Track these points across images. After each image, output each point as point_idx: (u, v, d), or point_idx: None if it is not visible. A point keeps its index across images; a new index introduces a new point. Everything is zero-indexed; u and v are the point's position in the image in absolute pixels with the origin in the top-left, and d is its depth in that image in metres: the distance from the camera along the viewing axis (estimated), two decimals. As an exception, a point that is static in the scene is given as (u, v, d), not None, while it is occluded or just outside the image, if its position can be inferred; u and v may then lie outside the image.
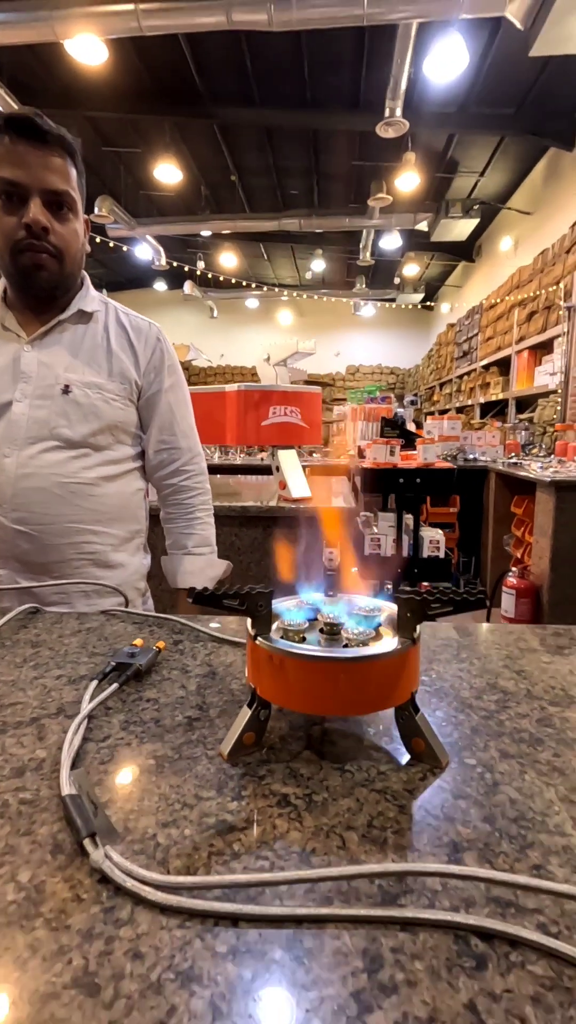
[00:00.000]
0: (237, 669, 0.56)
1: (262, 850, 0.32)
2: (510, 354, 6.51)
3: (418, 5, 4.46)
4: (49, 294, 0.94)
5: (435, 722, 0.46)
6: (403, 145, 6.67)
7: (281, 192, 9.12)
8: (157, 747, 0.43)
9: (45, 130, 0.85)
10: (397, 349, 13.83)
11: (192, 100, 6.76)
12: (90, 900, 0.29)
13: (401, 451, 2.00)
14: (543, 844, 0.33)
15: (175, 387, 1.07)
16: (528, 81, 6.03)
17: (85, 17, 4.72)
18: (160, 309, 14.03)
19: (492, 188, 8.30)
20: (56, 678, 0.54)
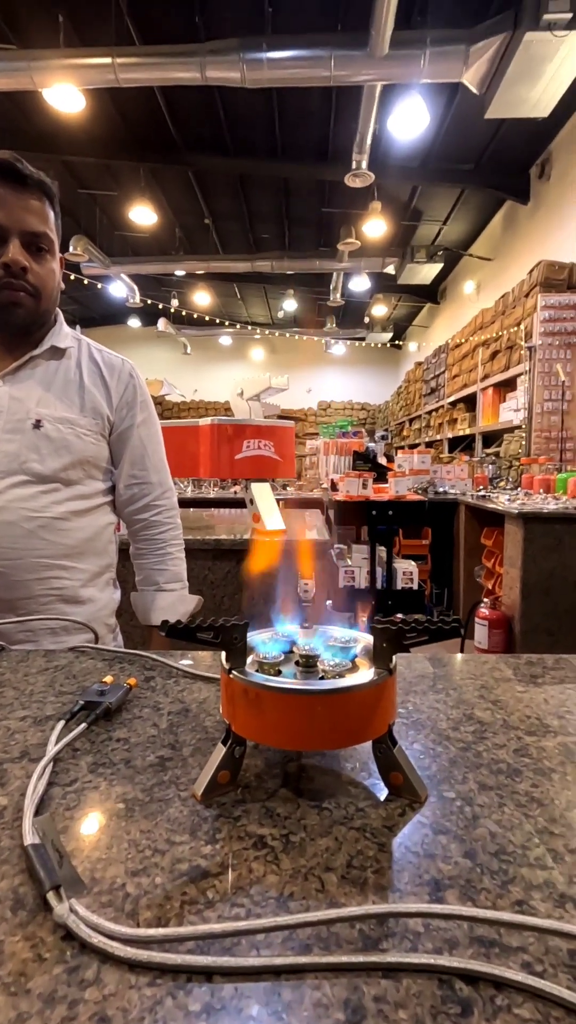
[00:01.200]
0: (211, 705, 0.55)
1: (238, 897, 0.31)
2: (476, 391, 6.75)
3: (381, 69, 4.75)
4: (24, 331, 0.94)
5: (413, 755, 0.46)
6: (370, 194, 7.01)
7: (253, 235, 9.43)
8: (127, 790, 0.41)
9: (25, 174, 0.86)
10: (367, 386, 14.20)
11: (167, 148, 7.01)
12: (52, 959, 0.27)
13: (373, 484, 2.02)
14: (524, 878, 0.32)
15: (147, 422, 1.07)
16: (485, 140, 6.44)
17: (63, 68, 4.88)
18: (134, 345, 14.16)
19: (454, 235, 8.75)
20: (21, 719, 0.52)
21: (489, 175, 6.97)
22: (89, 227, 9.09)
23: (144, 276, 10.14)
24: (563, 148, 6.01)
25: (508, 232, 7.51)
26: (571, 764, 0.44)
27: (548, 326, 5.13)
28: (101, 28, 4.99)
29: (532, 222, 6.77)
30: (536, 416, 5.14)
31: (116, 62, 4.80)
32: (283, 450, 1.87)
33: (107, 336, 14.06)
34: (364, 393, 14.25)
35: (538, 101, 4.85)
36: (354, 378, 14.28)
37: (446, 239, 8.81)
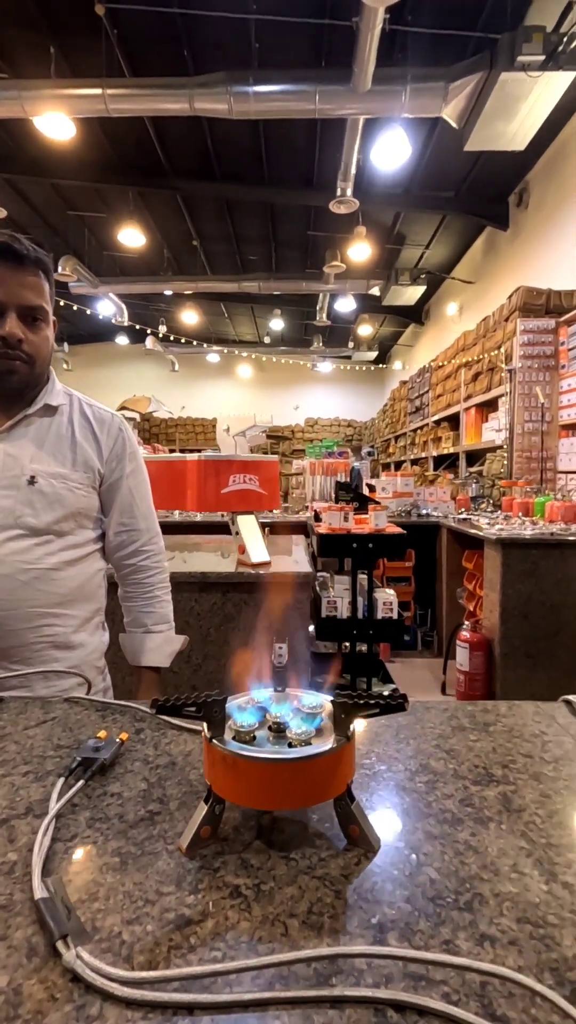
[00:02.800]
0: (195, 758, 0.61)
1: (215, 941, 0.37)
2: (459, 411, 6.90)
3: (364, 104, 4.91)
4: (19, 393, 1.01)
5: (372, 804, 0.52)
6: (355, 219, 7.19)
7: (240, 257, 9.59)
8: (121, 844, 0.47)
9: (23, 254, 0.94)
10: (353, 403, 14.40)
11: (155, 173, 7.16)
12: (63, 999, 0.33)
13: (355, 514, 2.10)
14: (453, 921, 0.39)
15: (135, 472, 1.14)
16: (465, 169, 6.67)
17: (54, 98, 4.99)
18: (122, 362, 14.23)
19: (437, 259, 8.98)
20: (24, 775, 0.58)
21: (469, 202, 7.20)
22: (78, 247, 9.20)
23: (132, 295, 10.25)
24: (539, 179, 6.23)
25: (489, 257, 7.74)
26: (507, 813, 0.51)
27: (527, 349, 5.28)
28: (91, 59, 5.12)
29: (512, 248, 6.98)
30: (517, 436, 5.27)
31: (107, 93, 4.92)
32: (267, 483, 1.95)
33: (95, 353, 14.12)
34: (351, 410, 14.44)
35: (515, 135, 5.04)
36: (341, 395, 14.47)
37: (429, 262, 9.05)
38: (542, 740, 0.64)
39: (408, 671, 3.33)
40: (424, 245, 8.60)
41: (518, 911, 0.40)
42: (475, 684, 2.78)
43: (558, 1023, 0.32)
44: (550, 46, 4.34)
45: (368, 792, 0.55)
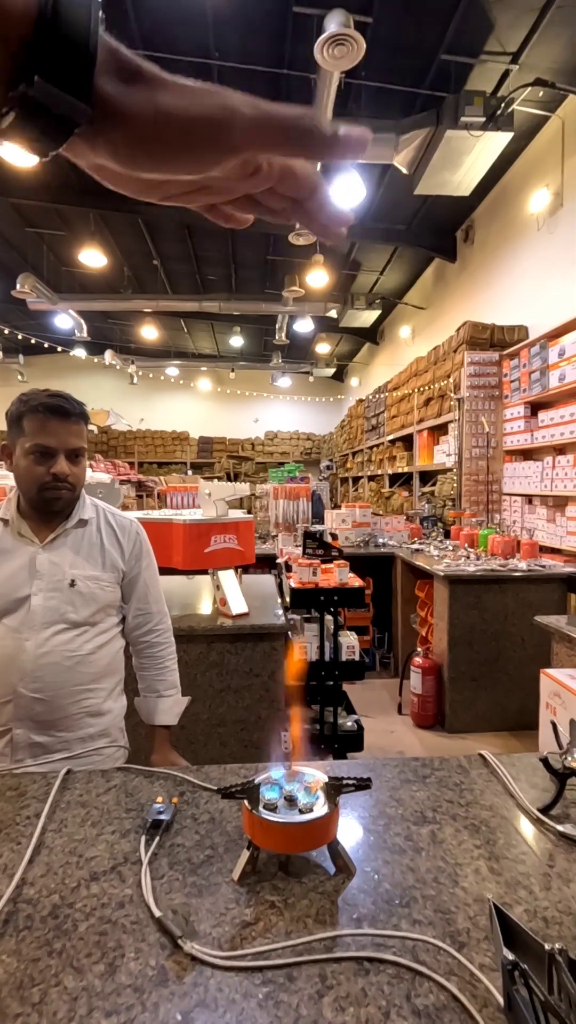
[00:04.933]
0: (227, 815, 0.89)
1: (265, 934, 0.66)
2: (412, 432, 7.33)
3: (320, 149, 5.23)
4: (61, 513, 1.26)
5: (349, 842, 0.82)
6: (313, 247, 7.54)
7: (200, 277, 9.80)
8: (195, 879, 0.75)
9: (70, 411, 1.19)
10: (313, 416, 14.79)
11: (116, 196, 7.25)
12: (189, 969, 0.61)
13: (320, 562, 2.41)
14: (398, 913, 0.69)
15: (149, 566, 1.41)
16: (415, 206, 7.12)
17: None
18: (79, 374, 14.15)
19: (391, 285, 9.45)
20: (112, 833, 0.84)
21: (420, 235, 7.67)
22: (36, 264, 9.20)
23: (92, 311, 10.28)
24: (482, 220, 6.74)
25: (439, 285, 8.24)
26: (433, 845, 0.82)
27: (474, 380, 5.73)
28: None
29: (459, 279, 7.49)
30: (465, 461, 5.71)
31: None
32: (244, 541, 2.22)
33: (52, 365, 13.99)
34: (310, 423, 14.82)
35: (460, 183, 5.48)
36: (300, 409, 14.85)
37: (383, 288, 9.51)
38: (460, 789, 0.96)
39: (368, 692, 3.66)
40: (379, 272, 9.06)
41: (434, 905, 0.70)
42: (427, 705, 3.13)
43: (452, 964, 0.62)
44: (489, 109, 4.79)
45: (346, 833, 0.84)
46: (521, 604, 3.06)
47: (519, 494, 4.84)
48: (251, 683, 2.08)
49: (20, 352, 13.21)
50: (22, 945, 0.65)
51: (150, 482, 10.13)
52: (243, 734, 2.10)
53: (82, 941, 0.65)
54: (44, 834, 0.85)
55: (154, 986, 0.59)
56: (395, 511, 7.16)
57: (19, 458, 1.20)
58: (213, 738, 2.08)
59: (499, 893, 0.72)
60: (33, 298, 8.62)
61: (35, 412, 1.18)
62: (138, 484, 9.91)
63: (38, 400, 1.18)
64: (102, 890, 0.73)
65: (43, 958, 0.63)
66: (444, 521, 5.59)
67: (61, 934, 0.66)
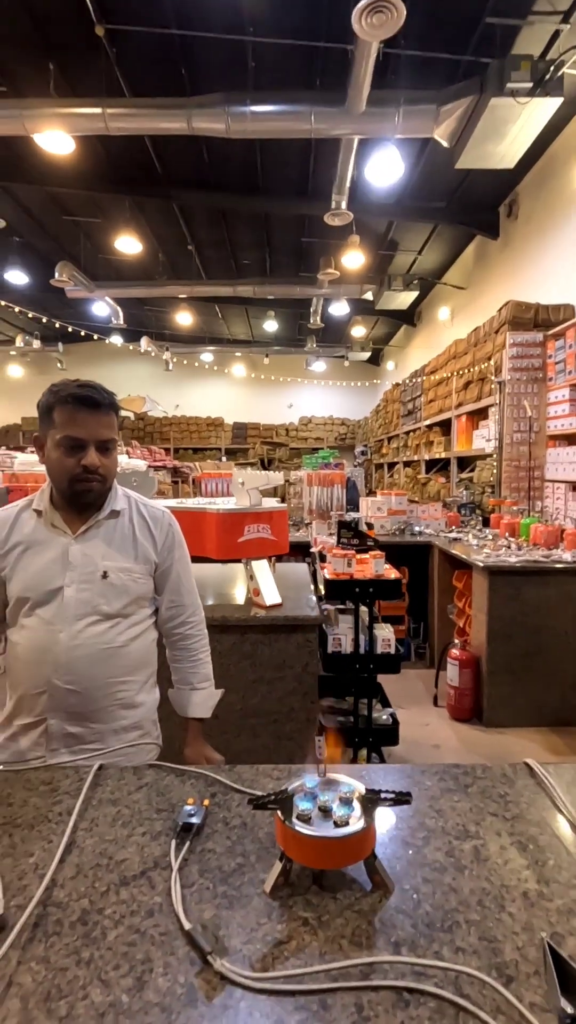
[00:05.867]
0: (259, 820, 0.86)
1: (298, 954, 0.63)
2: (451, 417, 7.12)
3: (358, 124, 5.06)
4: (92, 504, 1.25)
5: (387, 856, 0.78)
6: (348, 228, 7.35)
7: (235, 262, 9.72)
8: (226, 889, 0.72)
9: (100, 401, 1.17)
10: (347, 401, 14.59)
11: (151, 183, 7.27)
12: (219, 989, 0.58)
13: (356, 553, 2.35)
14: (440, 939, 0.64)
15: (181, 558, 1.39)
16: (456, 182, 6.84)
17: (55, 116, 5.09)
18: (116, 361, 14.32)
19: (429, 265, 9.16)
20: (142, 835, 0.83)
21: (460, 212, 7.38)
22: (74, 252, 9.29)
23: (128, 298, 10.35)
24: (528, 193, 6.43)
25: (480, 264, 7.93)
26: (477, 863, 0.77)
27: (516, 362, 5.50)
28: (90, 77, 5.22)
29: (502, 256, 7.19)
30: (506, 446, 5.51)
31: (107, 112, 5.02)
32: (278, 530, 2.19)
33: (89, 352, 14.20)
34: (344, 408, 14.63)
35: (504, 155, 5.22)
36: (334, 393, 14.66)
37: (421, 268, 9.23)
38: (504, 801, 0.90)
39: (402, 683, 3.60)
40: (416, 252, 8.78)
41: (479, 932, 0.65)
42: (464, 698, 3.05)
43: (499, 1000, 0.57)
44: (537, 74, 4.52)
45: (383, 847, 0.80)
46: (564, 597, 2.94)
47: (563, 481, 4.64)
48: (284, 675, 2.06)
49: (59, 340, 13.45)
50: (50, 952, 0.64)
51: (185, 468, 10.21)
52: (275, 726, 2.08)
53: (110, 951, 0.64)
54: (75, 833, 0.84)
55: (182, 1006, 0.57)
56: (432, 498, 7.01)
57: (50, 450, 1.19)
58: (246, 729, 2.07)
59: (550, 923, 0.67)
60: (71, 286, 8.73)
61: (65, 403, 1.16)
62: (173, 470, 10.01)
63: (68, 391, 1.16)
64: (132, 896, 0.71)
65: (71, 968, 0.62)
66: (483, 509, 5.43)
67: (90, 942, 0.65)
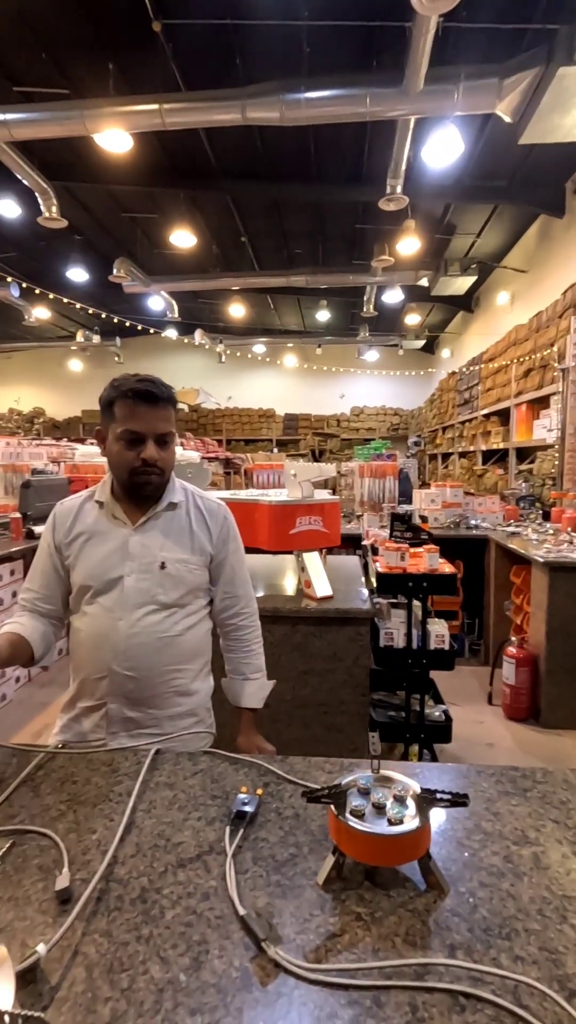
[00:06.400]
0: (311, 812, 0.87)
1: (351, 948, 0.63)
2: (509, 406, 6.86)
3: (415, 104, 4.90)
4: (151, 496, 1.28)
5: (442, 858, 0.76)
6: (404, 212, 7.17)
7: (288, 251, 9.68)
8: (279, 878, 0.73)
9: (158, 396, 1.20)
10: (401, 391, 14.30)
11: (205, 175, 7.33)
12: (272, 976, 0.59)
13: (409, 546, 2.31)
14: (498, 946, 0.63)
15: (236, 551, 1.40)
16: (519, 158, 6.53)
17: (114, 115, 5.20)
18: (170, 354, 14.61)
19: (488, 247, 8.82)
20: (198, 819, 0.85)
21: (523, 191, 7.05)
22: (131, 247, 9.50)
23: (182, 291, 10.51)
24: (597, 168, 6.06)
25: (543, 245, 7.57)
26: (537, 870, 0.74)
27: (581, 347, 5.22)
28: (148, 73, 5.29)
29: (568, 236, 6.83)
30: (569, 436, 5.26)
31: (163, 108, 5.08)
32: (330, 523, 2.18)
33: (145, 346, 14.54)
34: (397, 398, 14.36)
35: (572, 128, 4.95)
36: (387, 383, 14.40)
37: (480, 251, 8.90)
38: (566, 808, 0.87)
39: (456, 680, 3.52)
40: (475, 234, 8.47)
41: (539, 942, 0.63)
42: (520, 697, 2.96)
43: (562, 1015, 0.55)
44: (610, 39, 4.24)
45: (438, 847, 0.79)
46: (631, 595, 2.78)
47: (632, 474, 4.39)
48: (334, 667, 2.06)
49: (116, 335, 13.84)
50: (112, 926, 0.66)
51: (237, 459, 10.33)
52: (326, 717, 2.09)
53: (168, 930, 0.66)
54: (135, 813, 0.87)
55: (238, 989, 0.58)
56: (488, 490, 6.79)
57: (111, 443, 1.23)
58: (296, 719, 2.09)
59: (616, 938, 0.64)
60: (128, 281, 8.95)
61: (125, 398, 1.20)
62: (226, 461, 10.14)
63: (128, 386, 1.20)
64: (188, 878, 0.73)
65: (132, 943, 0.64)
66: (543, 502, 5.21)
67: (149, 920, 0.67)
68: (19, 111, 5.09)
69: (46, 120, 5.17)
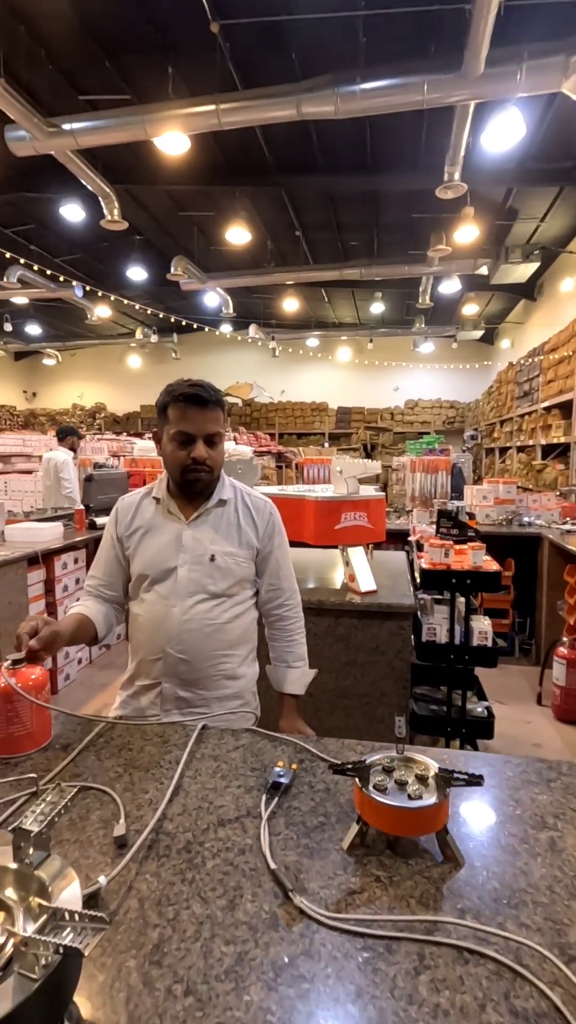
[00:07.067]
0: (341, 787, 0.94)
1: (369, 904, 0.70)
2: (572, 398, 6.60)
3: (476, 88, 4.78)
4: (202, 493, 1.39)
5: (459, 834, 0.82)
6: (462, 199, 6.99)
7: (342, 244, 9.64)
8: (308, 842, 0.81)
9: (207, 399, 1.30)
10: (457, 383, 13.96)
11: (261, 171, 7.41)
12: (298, 920, 0.67)
13: (455, 542, 2.32)
14: (505, 913, 0.68)
15: (281, 545, 1.49)
16: (586, 138, 6.24)
17: (172, 118, 5.35)
18: (225, 349, 14.86)
19: (553, 232, 8.46)
20: (238, 787, 0.94)
21: (591, 171, 6.73)
22: (188, 246, 9.73)
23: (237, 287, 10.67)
24: None
25: (611, 229, 7.20)
26: (552, 852, 0.79)
27: None
28: (206, 75, 5.40)
29: None
30: None
31: (219, 108, 5.18)
32: (375, 519, 2.22)
33: (201, 341, 14.86)
34: (454, 391, 14.02)
35: None
36: (443, 375, 14.10)
37: (543, 236, 8.55)
38: (587, 798, 0.90)
39: (504, 678, 3.49)
40: (539, 218, 8.15)
41: (545, 913, 0.68)
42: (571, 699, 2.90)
43: (559, 975, 0.60)
44: None
45: (458, 824, 0.85)
46: None
47: None
48: (376, 660, 2.11)
49: (173, 331, 14.22)
50: (161, 869, 0.76)
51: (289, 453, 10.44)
52: (368, 708, 2.15)
53: (208, 876, 0.75)
54: (182, 779, 0.97)
55: (266, 928, 0.67)
56: (547, 486, 6.58)
57: (165, 443, 1.35)
58: (339, 708, 2.16)
59: (621, 916, 0.68)
60: (185, 279, 9.18)
61: (176, 402, 1.31)
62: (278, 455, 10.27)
63: (179, 391, 1.31)
64: (227, 836, 0.83)
65: (177, 884, 0.74)
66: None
67: (192, 866, 0.77)
68: (84, 120, 5.32)
69: (109, 127, 5.39)
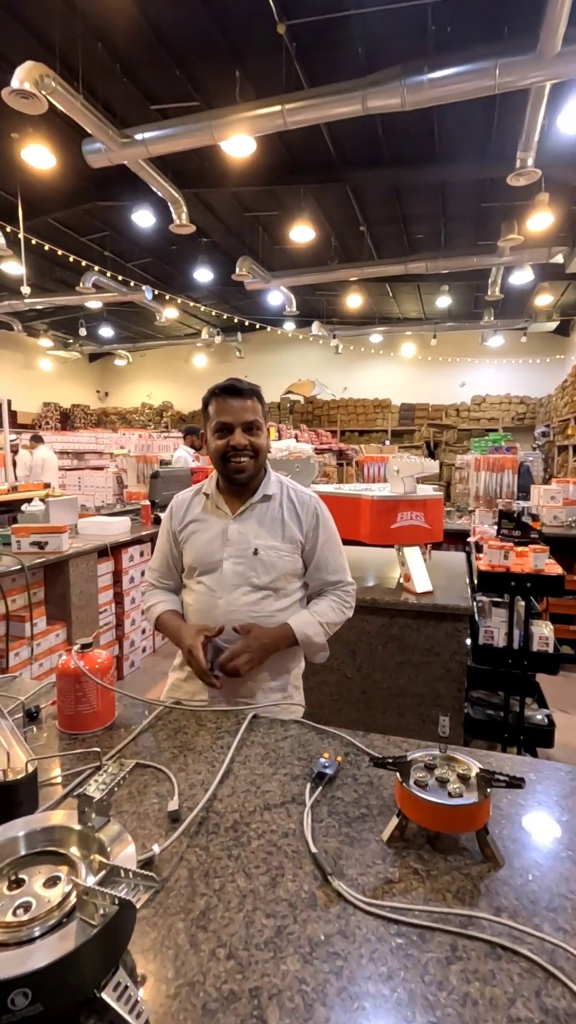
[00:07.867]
0: (383, 781, 0.96)
1: (405, 894, 0.72)
2: None
3: (551, 69, 4.57)
4: (247, 483, 1.44)
5: (501, 836, 0.82)
6: (535, 186, 6.69)
7: (407, 237, 9.47)
8: (348, 831, 0.84)
9: (242, 389, 1.38)
10: (527, 377, 13.37)
11: (326, 168, 7.39)
12: (335, 903, 0.71)
13: (516, 544, 2.26)
14: (543, 915, 0.69)
15: (327, 540, 1.51)
16: None
17: (238, 121, 5.44)
18: (288, 347, 14.95)
19: None
20: (284, 775, 0.99)
21: None
22: (253, 245, 9.87)
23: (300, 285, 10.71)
24: None
25: None
26: (595, 859, 0.78)
27: None
28: (272, 76, 5.44)
29: None
30: None
31: (284, 108, 5.21)
32: (432, 518, 2.20)
33: (264, 340, 15.03)
34: (523, 386, 13.42)
35: None
36: (512, 370, 13.54)
37: (624, 220, 8.04)
38: None
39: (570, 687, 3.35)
40: (619, 202, 7.67)
41: (585, 919, 0.68)
42: None
43: (595, 979, 0.61)
44: None
45: (499, 825, 0.85)
46: None
47: None
48: (431, 660, 2.10)
49: (238, 330, 14.47)
50: (210, 844, 0.82)
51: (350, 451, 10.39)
52: (422, 708, 2.14)
53: (253, 854, 0.80)
54: (232, 763, 1.03)
55: (305, 906, 0.70)
56: (622, 486, 6.19)
57: (209, 438, 1.43)
58: (392, 707, 2.16)
59: None
60: (250, 279, 9.32)
61: (215, 395, 1.41)
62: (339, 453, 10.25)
63: (218, 387, 1.41)
64: (272, 819, 0.87)
65: (223, 859, 0.79)
66: None
67: (238, 844, 0.82)
68: (154, 129, 5.51)
69: (178, 134, 5.55)
